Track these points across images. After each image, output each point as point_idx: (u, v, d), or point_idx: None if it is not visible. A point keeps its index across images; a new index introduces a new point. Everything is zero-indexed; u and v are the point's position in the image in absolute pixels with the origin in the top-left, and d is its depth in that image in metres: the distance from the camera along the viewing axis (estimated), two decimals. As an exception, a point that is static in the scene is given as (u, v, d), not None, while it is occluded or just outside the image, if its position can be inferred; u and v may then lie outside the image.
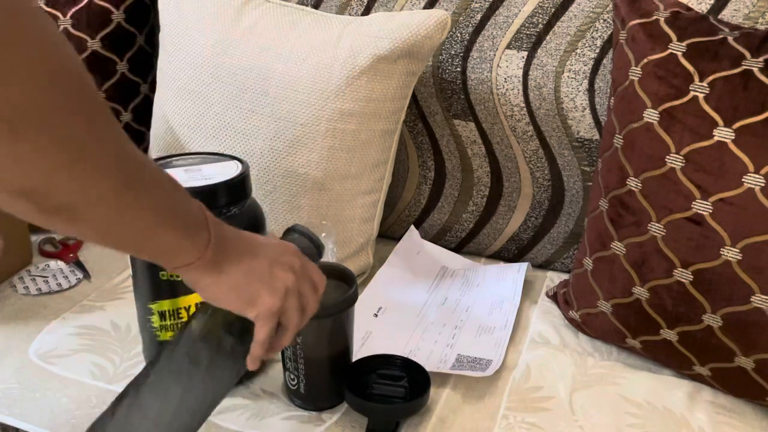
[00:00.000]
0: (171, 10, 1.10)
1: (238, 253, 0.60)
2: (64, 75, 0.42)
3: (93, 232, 0.49)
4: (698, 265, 0.81)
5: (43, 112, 0.41)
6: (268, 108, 1.01)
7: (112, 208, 0.48)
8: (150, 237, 0.52)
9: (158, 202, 0.52)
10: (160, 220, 0.52)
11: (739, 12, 0.95)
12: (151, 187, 0.51)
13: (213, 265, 0.57)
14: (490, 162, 1.12)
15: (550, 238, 1.13)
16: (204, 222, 0.57)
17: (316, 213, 1.02)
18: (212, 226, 0.57)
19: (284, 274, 0.62)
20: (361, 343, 0.93)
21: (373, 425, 0.79)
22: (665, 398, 0.86)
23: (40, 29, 0.40)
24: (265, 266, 0.61)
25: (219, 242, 0.57)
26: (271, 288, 0.61)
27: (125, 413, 0.60)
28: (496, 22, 1.08)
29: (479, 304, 1.03)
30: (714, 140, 0.80)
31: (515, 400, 0.85)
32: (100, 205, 0.47)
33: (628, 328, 0.90)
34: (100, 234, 0.50)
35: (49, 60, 0.40)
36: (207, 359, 0.62)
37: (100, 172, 0.46)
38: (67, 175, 0.44)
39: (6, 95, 0.38)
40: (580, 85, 1.03)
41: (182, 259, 0.56)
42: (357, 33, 1.00)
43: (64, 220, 0.47)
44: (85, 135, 0.44)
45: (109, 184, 0.47)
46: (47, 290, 1.05)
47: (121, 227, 0.50)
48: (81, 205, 0.46)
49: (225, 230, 0.59)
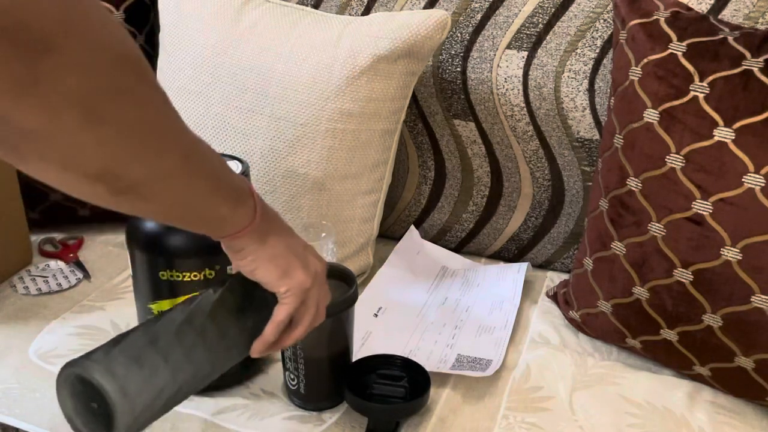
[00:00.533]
0: (171, 10, 1.10)
1: (278, 226, 0.63)
2: (126, 58, 0.43)
3: (159, 208, 0.52)
4: (698, 265, 0.81)
5: (112, 95, 0.42)
6: (268, 108, 1.01)
7: (177, 182, 0.50)
8: (208, 207, 0.55)
9: (213, 174, 0.54)
10: (216, 190, 0.55)
11: (739, 12, 0.95)
12: (205, 160, 0.53)
13: (259, 233, 0.60)
14: (490, 162, 1.12)
15: (550, 238, 1.13)
16: (250, 192, 0.60)
17: (316, 213, 1.02)
18: (257, 196, 0.61)
19: (315, 260, 0.66)
20: (361, 343, 0.93)
21: (373, 425, 0.79)
22: (665, 398, 0.86)
23: (103, 15, 0.41)
24: (300, 245, 0.65)
25: (263, 212, 0.61)
26: (306, 266, 0.64)
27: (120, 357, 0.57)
28: (496, 22, 1.08)
29: (479, 304, 1.03)
30: (714, 140, 0.80)
31: (515, 400, 0.85)
32: (167, 180, 0.49)
33: (628, 328, 0.90)
34: (165, 209, 0.52)
35: (111, 44, 0.41)
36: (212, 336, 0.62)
37: (166, 148, 0.48)
38: (137, 154, 0.46)
39: (81, 80, 0.39)
40: (580, 85, 1.03)
41: (234, 227, 0.58)
42: (357, 33, 1.00)
43: (133, 199, 0.48)
44: (153, 115, 0.46)
45: (174, 160, 0.49)
46: (47, 290, 1.05)
47: (183, 201, 0.52)
48: (150, 182, 0.48)
49: (265, 203, 0.63)
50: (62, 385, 0.56)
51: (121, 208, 0.50)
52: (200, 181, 0.53)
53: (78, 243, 1.17)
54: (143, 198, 0.49)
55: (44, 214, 1.19)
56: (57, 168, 0.43)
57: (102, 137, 0.43)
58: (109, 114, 0.42)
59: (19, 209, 1.08)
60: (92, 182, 0.45)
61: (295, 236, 0.66)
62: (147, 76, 0.45)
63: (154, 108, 0.46)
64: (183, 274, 0.78)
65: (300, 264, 0.64)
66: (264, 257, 0.62)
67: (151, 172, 0.48)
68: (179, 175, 0.50)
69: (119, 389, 0.54)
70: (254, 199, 0.60)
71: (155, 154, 0.47)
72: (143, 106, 0.45)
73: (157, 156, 0.47)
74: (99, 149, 0.43)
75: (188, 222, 0.56)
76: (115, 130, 0.43)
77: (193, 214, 0.55)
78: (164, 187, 0.49)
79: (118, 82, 0.42)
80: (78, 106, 0.40)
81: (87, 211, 1.20)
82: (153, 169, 0.48)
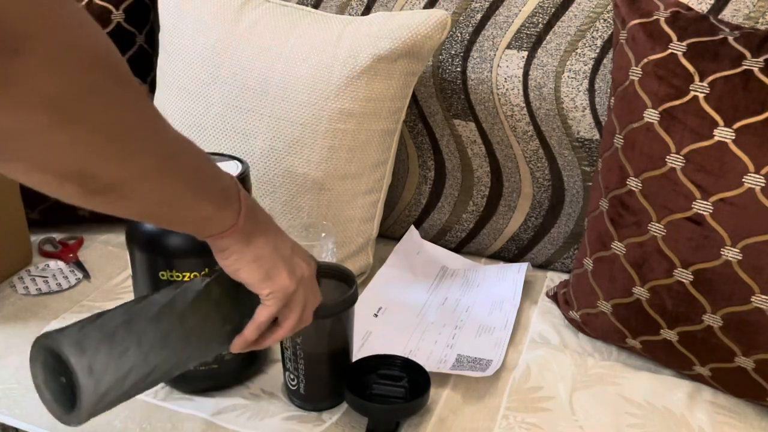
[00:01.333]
0: (171, 10, 1.10)
1: (265, 227, 0.62)
2: (100, 58, 0.42)
3: (137, 208, 0.51)
4: (698, 265, 0.81)
5: (87, 95, 0.42)
6: (268, 108, 1.00)
7: (155, 183, 0.50)
8: (188, 207, 0.54)
9: (195, 174, 0.54)
10: (197, 191, 0.54)
11: (739, 12, 0.95)
12: (187, 160, 0.53)
13: (243, 234, 0.60)
14: (490, 162, 1.12)
15: (550, 238, 1.13)
16: (236, 192, 0.59)
17: (316, 213, 1.02)
18: (243, 196, 0.60)
19: (303, 263, 0.65)
20: (361, 343, 0.93)
21: (373, 425, 0.79)
22: (665, 398, 0.86)
23: (78, 16, 0.41)
24: (288, 248, 0.64)
25: (250, 213, 0.60)
26: (291, 270, 0.63)
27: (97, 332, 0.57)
28: (496, 22, 1.08)
29: (479, 304, 1.03)
30: (714, 140, 0.80)
31: (515, 400, 0.85)
32: (144, 181, 0.49)
33: (628, 328, 0.90)
34: (143, 209, 0.52)
35: (85, 45, 0.41)
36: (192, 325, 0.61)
37: (143, 150, 0.47)
38: (113, 155, 0.45)
39: (52, 81, 0.39)
40: (580, 85, 1.03)
41: (217, 227, 0.58)
42: (357, 33, 1.00)
43: (110, 199, 0.48)
44: (128, 115, 0.46)
45: (151, 161, 0.48)
46: (47, 290, 1.05)
47: (162, 201, 0.52)
48: (126, 183, 0.48)
49: (254, 203, 0.62)
50: (35, 356, 0.56)
51: (99, 208, 0.49)
52: (180, 181, 0.52)
53: (78, 243, 1.17)
54: (120, 198, 0.49)
55: (44, 214, 1.19)
56: (32, 168, 0.43)
57: (75, 137, 0.42)
58: (81, 114, 0.42)
59: (19, 209, 1.08)
60: (67, 182, 0.45)
61: (284, 238, 0.65)
62: (122, 77, 0.44)
63: (129, 108, 0.46)
64: (183, 274, 0.78)
65: (285, 267, 0.63)
66: (248, 258, 0.61)
67: (126, 173, 0.47)
68: (156, 175, 0.49)
69: (86, 366, 0.54)
70: (240, 201, 0.59)
71: (130, 155, 0.47)
72: (117, 107, 0.44)
73: (132, 156, 0.47)
74: (73, 149, 0.43)
75: (169, 222, 0.56)
76: (87, 130, 0.42)
77: (174, 214, 0.55)
78: (141, 187, 0.49)
79: (91, 83, 0.42)
80: (50, 107, 0.40)
81: (87, 211, 1.20)
82: (128, 170, 0.47)
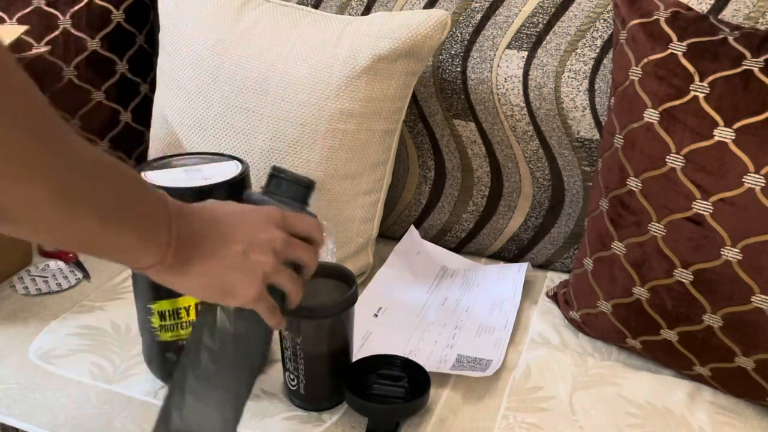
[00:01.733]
0: (171, 10, 1.10)
1: (207, 247, 0.57)
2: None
3: (33, 233, 0.48)
4: (698, 265, 0.81)
5: None
6: (268, 108, 1.00)
7: (48, 210, 0.46)
8: (98, 240, 0.51)
9: (104, 206, 0.50)
10: (108, 223, 0.50)
11: (739, 12, 0.95)
12: (95, 192, 0.49)
13: (177, 266, 0.55)
14: (490, 162, 1.12)
15: (550, 238, 1.13)
16: (165, 221, 0.54)
17: (316, 213, 1.01)
18: (175, 223, 0.54)
19: (263, 257, 0.59)
20: (361, 343, 0.93)
21: (373, 425, 0.79)
22: (665, 398, 0.86)
23: None
24: (239, 253, 0.58)
25: (182, 242, 0.55)
26: (249, 275, 0.58)
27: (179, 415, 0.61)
28: (496, 22, 1.08)
29: (479, 304, 1.03)
30: (714, 140, 0.80)
31: (515, 401, 0.85)
32: (36, 208, 0.46)
33: (629, 328, 0.90)
34: (39, 236, 0.49)
35: None
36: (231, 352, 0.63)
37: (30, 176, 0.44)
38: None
39: None
40: (580, 85, 1.03)
41: (143, 262, 0.54)
42: (357, 33, 1.00)
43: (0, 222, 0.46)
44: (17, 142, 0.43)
45: (42, 193, 0.45)
46: (47, 290, 1.05)
47: (60, 231, 0.49)
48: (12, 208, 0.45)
49: (192, 223, 0.56)
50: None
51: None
52: (81, 217, 0.48)
53: (78, 243, 1.17)
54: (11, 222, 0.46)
55: (44, 214, 1.19)
56: None
57: None
58: None
59: (18, 209, 1.08)
60: None
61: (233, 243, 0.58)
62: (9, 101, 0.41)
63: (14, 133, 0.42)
64: (183, 274, 0.78)
65: (242, 277, 0.58)
66: (195, 284, 0.57)
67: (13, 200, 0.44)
68: (49, 203, 0.46)
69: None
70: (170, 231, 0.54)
71: (16, 181, 0.44)
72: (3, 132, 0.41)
73: (19, 183, 0.44)
74: None
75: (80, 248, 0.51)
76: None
77: (78, 246, 0.51)
78: (33, 216, 0.46)
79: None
80: None
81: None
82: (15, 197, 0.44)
